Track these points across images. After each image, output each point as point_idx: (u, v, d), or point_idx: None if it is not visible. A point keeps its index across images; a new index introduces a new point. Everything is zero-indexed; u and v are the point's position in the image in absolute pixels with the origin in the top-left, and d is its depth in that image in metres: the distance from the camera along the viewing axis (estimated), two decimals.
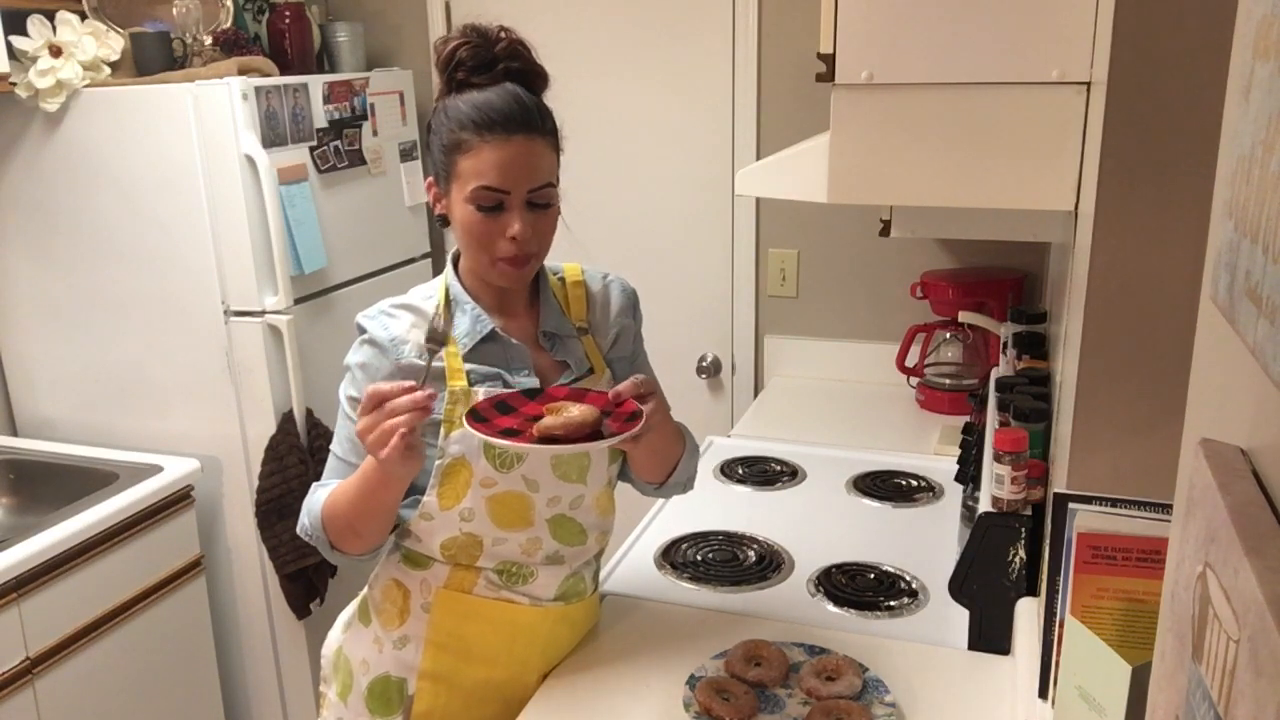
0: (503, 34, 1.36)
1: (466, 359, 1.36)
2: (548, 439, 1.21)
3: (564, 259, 1.51)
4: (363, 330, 1.39)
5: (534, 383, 1.37)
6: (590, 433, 1.22)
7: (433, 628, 1.40)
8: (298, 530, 1.43)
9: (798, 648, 1.47)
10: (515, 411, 1.28)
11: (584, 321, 1.47)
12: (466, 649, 1.41)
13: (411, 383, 1.22)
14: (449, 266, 1.42)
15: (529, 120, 1.30)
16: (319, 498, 1.38)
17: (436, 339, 1.31)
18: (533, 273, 1.38)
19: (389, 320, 1.37)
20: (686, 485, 1.55)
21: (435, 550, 1.40)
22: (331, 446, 1.43)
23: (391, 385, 1.21)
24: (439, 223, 1.39)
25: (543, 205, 1.32)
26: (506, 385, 1.37)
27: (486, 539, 1.38)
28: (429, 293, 1.42)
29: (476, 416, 1.25)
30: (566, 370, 1.42)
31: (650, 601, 1.66)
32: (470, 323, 1.38)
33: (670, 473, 1.49)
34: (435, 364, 1.34)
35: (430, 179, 1.38)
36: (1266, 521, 0.45)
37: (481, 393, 1.34)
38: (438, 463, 1.35)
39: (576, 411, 1.23)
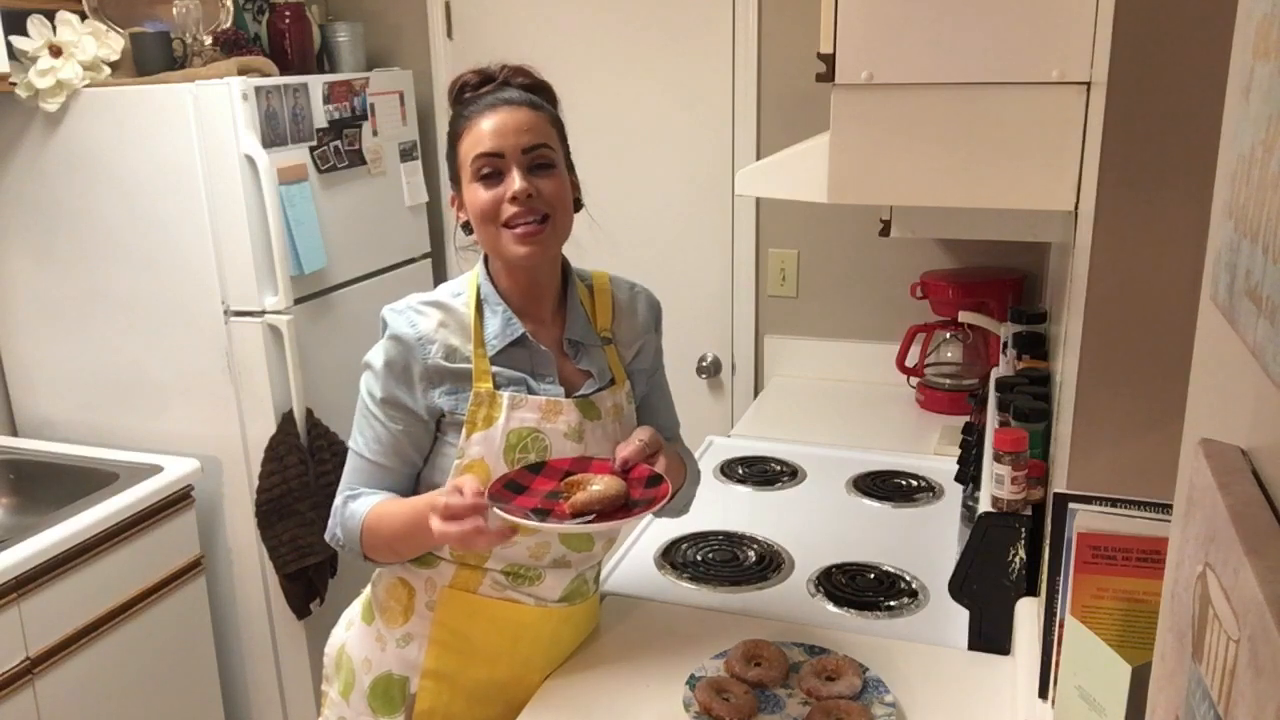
0: (505, 66, 1.39)
1: (493, 361, 1.36)
2: (584, 515, 1.23)
3: (591, 254, 1.50)
4: (388, 325, 1.37)
5: (559, 391, 1.38)
6: (621, 503, 1.25)
7: (437, 626, 1.40)
8: (326, 537, 1.43)
9: (798, 648, 1.47)
10: (528, 490, 1.28)
11: (608, 331, 1.46)
12: (470, 648, 1.41)
13: (478, 497, 1.21)
14: (480, 265, 1.42)
15: (520, 98, 1.34)
16: (356, 513, 1.37)
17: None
18: (551, 246, 1.35)
19: (417, 317, 1.36)
20: (683, 509, 1.56)
21: (444, 549, 1.40)
22: (352, 446, 1.42)
23: (462, 504, 1.21)
24: (464, 231, 1.38)
25: (543, 167, 1.32)
26: (530, 391, 1.36)
27: None
28: (458, 289, 1.41)
29: (497, 499, 1.25)
30: (589, 379, 1.41)
31: (650, 601, 1.66)
32: (501, 324, 1.37)
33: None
34: (461, 365, 1.34)
35: (452, 194, 1.39)
36: (1266, 521, 0.45)
37: (505, 398, 1.34)
38: (456, 462, 1.35)
39: (601, 485, 1.24)
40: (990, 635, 1.49)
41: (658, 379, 1.56)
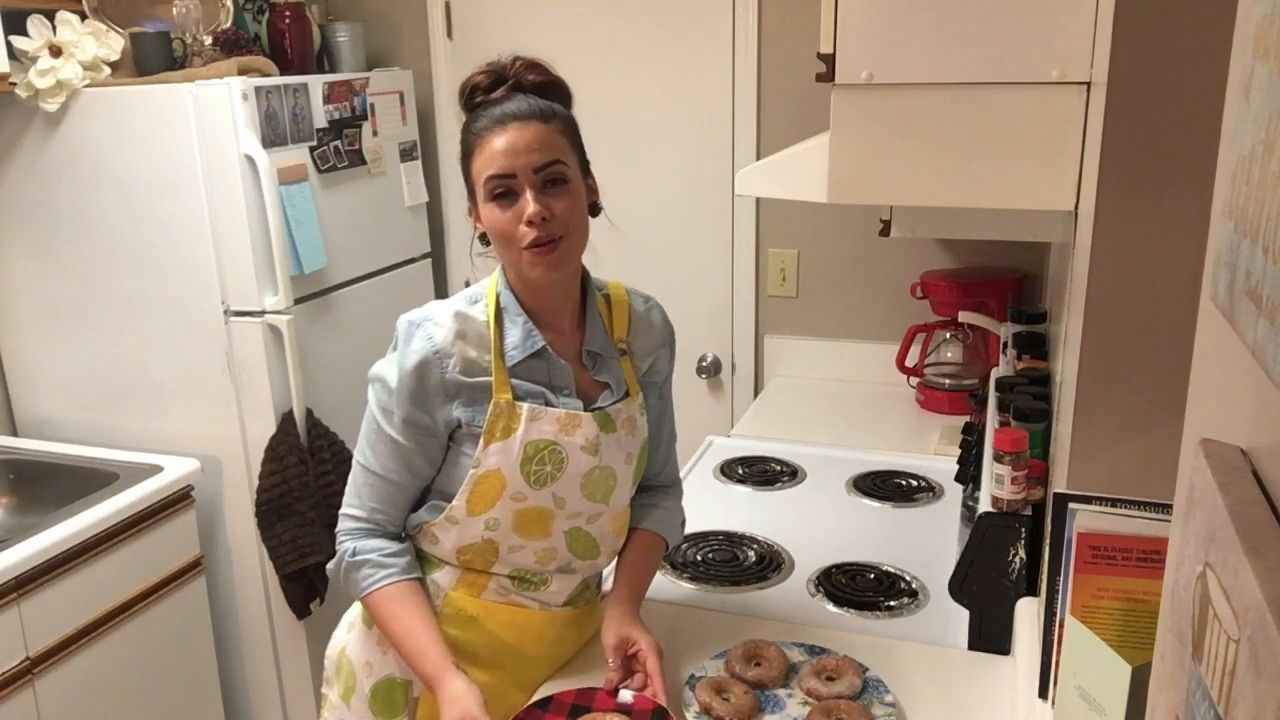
0: (519, 59, 1.35)
1: (511, 372, 1.35)
2: None
3: (597, 256, 1.49)
4: (405, 338, 1.34)
5: (577, 404, 1.37)
6: None
7: (441, 630, 1.40)
8: (328, 568, 1.43)
9: (798, 648, 1.47)
10: None
11: (624, 342, 1.45)
12: (474, 652, 1.41)
13: None
14: (499, 273, 1.39)
15: (528, 110, 1.30)
16: (360, 584, 1.37)
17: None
18: (566, 265, 1.33)
19: (434, 329, 1.33)
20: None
21: (450, 555, 1.40)
22: (360, 460, 1.40)
23: None
24: (481, 242, 1.36)
25: (555, 184, 1.29)
26: (549, 403, 1.35)
27: (503, 546, 1.38)
28: (476, 296, 1.38)
29: None
30: (606, 391, 1.41)
31: (650, 601, 1.66)
32: (522, 336, 1.35)
33: None
34: (479, 379, 1.33)
35: (469, 206, 1.36)
36: (1266, 521, 0.45)
37: (525, 410, 1.33)
38: (471, 471, 1.34)
39: None
40: (990, 635, 1.49)
41: (667, 398, 1.55)
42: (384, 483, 1.38)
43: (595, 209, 1.41)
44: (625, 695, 1.32)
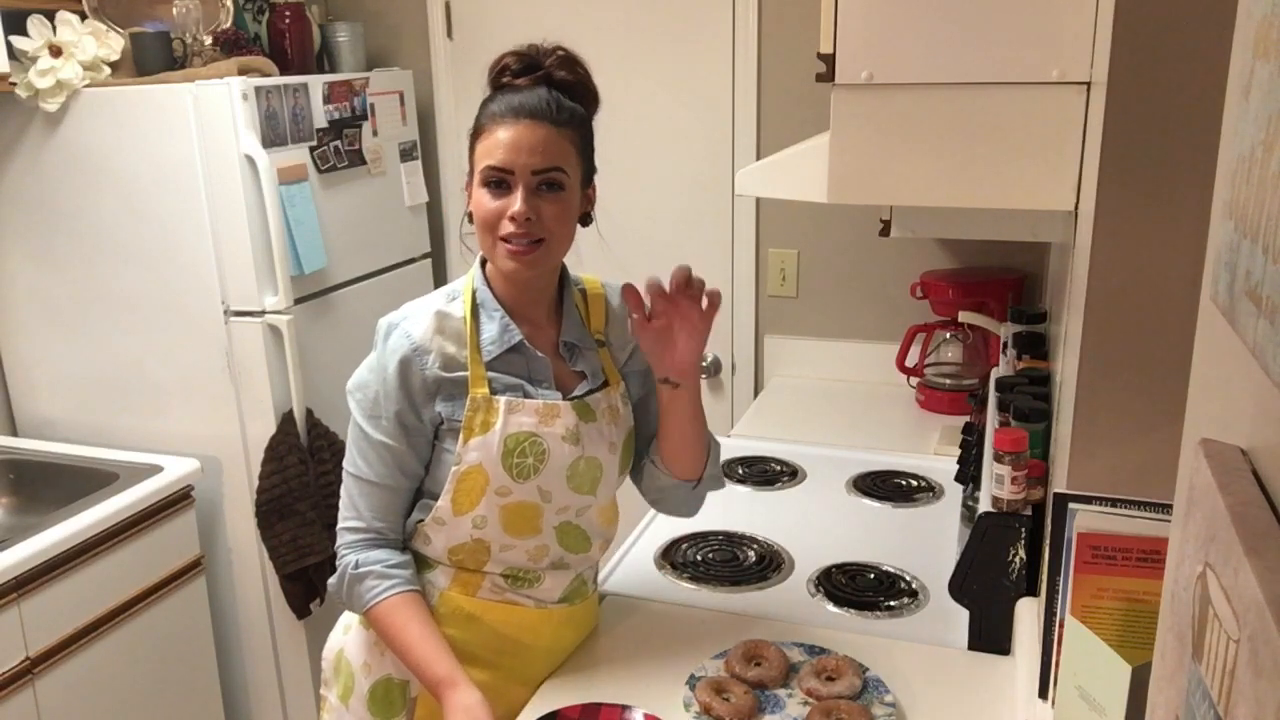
0: (559, 50, 1.35)
1: (489, 367, 1.35)
2: None
3: (592, 256, 1.50)
4: (382, 340, 1.35)
5: (556, 396, 1.38)
6: None
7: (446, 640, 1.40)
8: (329, 585, 1.43)
9: (798, 648, 1.47)
10: None
11: (601, 334, 1.46)
12: (471, 652, 1.40)
13: None
14: (476, 268, 1.40)
15: (544, 109, 1.30)
16: (363, 597, 1.36)
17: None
18: (541, 266, 1.34)
19: (412, 326, 1.34)
20: (719, 480, 1.55)
21: (442, 555, 1.40)
22: (351, 470, 1.39)
23: None
24: (469, 220, 1.37)
25: (549, 189, 1.30)
26: (527, 395, 1.36)
27: (494, 545, 1.38)
28: (453, 293, 1.40)
29: None
30: (584, 381, 1.41)
31: (650, 601, 1.66)
32: (499, 331, 1.36)
33: (703, 466, 1.49)
34: (458, 374, 1.34)
35: (467, 180, 1.37)
36: (1266, 521, 0.45)
37: (502, 403, 1.34)
38: (454, 469, 1.34)
39: None
40: (990, 635, 1.49)
41: (649, 388, 1.55)
42: (379, 489, 1.37)
43: (587, 219, 1.41)
44: (636, 716, 1.32)
